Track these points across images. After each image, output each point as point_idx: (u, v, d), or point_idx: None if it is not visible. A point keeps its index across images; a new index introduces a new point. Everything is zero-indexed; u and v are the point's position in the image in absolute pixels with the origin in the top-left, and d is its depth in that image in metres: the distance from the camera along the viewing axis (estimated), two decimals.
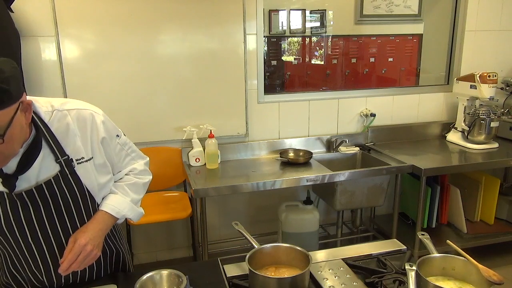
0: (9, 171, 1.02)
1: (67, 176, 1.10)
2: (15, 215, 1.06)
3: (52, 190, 1.08)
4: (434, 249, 1.26)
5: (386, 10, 3.21)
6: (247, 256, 1.23)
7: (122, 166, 1.29)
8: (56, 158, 1.08)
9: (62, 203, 1.11)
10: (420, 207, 2.65)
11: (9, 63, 0.95)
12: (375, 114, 3.03)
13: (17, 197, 1.04)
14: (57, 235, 1.14)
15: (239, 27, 2.64)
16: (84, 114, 1.14)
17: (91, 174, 1.15)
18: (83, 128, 1.13)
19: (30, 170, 1.04)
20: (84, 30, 2.41)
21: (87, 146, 1.14)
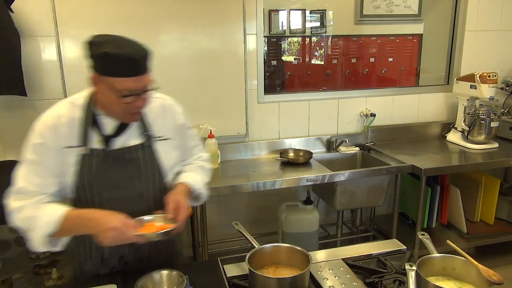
0: (108, 133, 1.26)
1: (146, 147, 1.30)
2: (103, 170, 1.25)
3: (134, 155, 1.28)
4: (434, 249, 1.26)
5: (386, 10, 3.21)
6: (247, 256, 1.23)
7: (192, 153, 1.50)
8: (142, 131, 1.30)
9: (140, 169, 1.29)
10: (420, 207, 2.65)
11: None
12: (375, 114, 3.03)
13: (109, 154, 1.25)
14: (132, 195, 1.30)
15: (239, 27, 2.64)
16: (168, 103, 1.40)
17: (165, 151, 1.34)
18: (166, 114, 1.37)
19: (122, 135, 1.27)
20: (84, 30, 2.40)
21: (167, 128, 1.36)
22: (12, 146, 2.46)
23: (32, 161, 1.22)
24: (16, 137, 2.45)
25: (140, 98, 1.19)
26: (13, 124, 2.43)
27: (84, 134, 1.23)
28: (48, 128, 1.21)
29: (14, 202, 1.20)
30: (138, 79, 1.16)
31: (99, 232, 1.13)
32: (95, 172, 1.24)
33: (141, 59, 1.16)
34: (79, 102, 1.27)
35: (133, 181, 1.29)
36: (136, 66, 1.15)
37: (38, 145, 1.21)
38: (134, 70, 1.15)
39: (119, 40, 1.20)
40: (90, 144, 1.24)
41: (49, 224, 1.16)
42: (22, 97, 2.32)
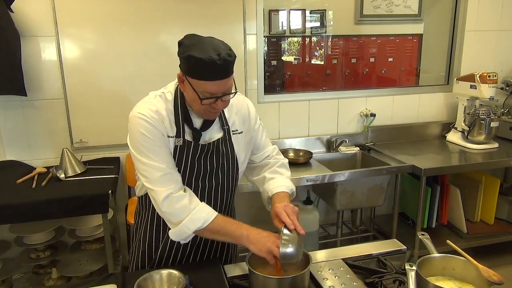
0: (197, 127, 1.32)
1: (226, 140, 1.37)
2: (193, 161, 1.32)
3: (218, 147, 1.35)
4: (434, 249, 1.26)
5: (386, 10, 3.21)
6: (247, 256, 1.23)
7: (264, 146, 1.54)
8: (222, 125, 1.37)
9: (223, 160, 1.37)
10: (420, 207, 2.65)
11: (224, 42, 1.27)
12: (375, 114, 3.03)
13: (199, 147, 1.32)
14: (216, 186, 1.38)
15: (239, 27, 2.64)
16: (240, 98, 1.44)
17: (240, 144, 1.41)
18: (240, 109, 1.43)
19: (208, 129, 1.34)
20: (84, 30, 2.41)
21: (240, 122, 1.42)
22: (12, 146, 2.46)
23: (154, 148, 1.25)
24: (16, 137, 2.45)
25: (220, 100, 1.22)
26: (13, 124, 2.43)
27: (179, 126, 1.29)
28: (154, 116, 1.25)
29: (164, 188, 1.24)
30: (219, 83, 1.19)
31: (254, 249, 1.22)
32: (186, 163, 1.31)
33: (224, 64, 1.17)
34: (169, 96, 1.31)
35: (216, 173, 1.36)
36: (217, 71, 1.17)
37: (151, 131, 1.24)
38: (215, 75, 1.17)
39: (207, 43, 1.23)
40: (185, 136, 1.30)
41: (204, 222, 1.23)
42: (22, 97, 2.32)
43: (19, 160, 2.47)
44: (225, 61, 1.17)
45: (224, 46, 1.23)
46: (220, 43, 1.25)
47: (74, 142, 2.53)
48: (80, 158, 2.42)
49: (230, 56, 1.19)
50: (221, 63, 1.16)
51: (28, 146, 2.48)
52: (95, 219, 2.38)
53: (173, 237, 1.26)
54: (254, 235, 1.25)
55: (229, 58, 1.18)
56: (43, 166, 2.40)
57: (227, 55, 1.18)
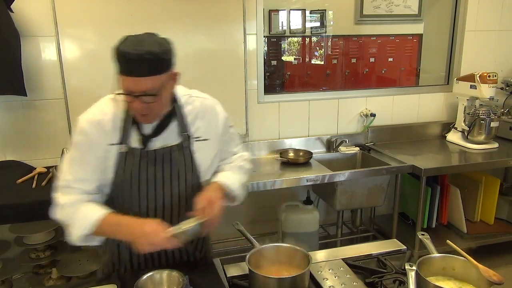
0: (146, 132, 1.26)
1: (184, 148, 1.30)
2: (141, 170, 1.27)
3: (171, 155, 1.29)
4: (434, 249, 1.26)
5: (386, 10, 3.21)
6: (247, 256, 1.23)
7: (232, 152, 1.49)
8: (181, 131, 1.30)
9: (176, 169, 1.30)
10: (420, 207, 2.65)
11: (167, 40, 1.24)
12: (375, 114, 3.03)
13: (147, 154, 1.27)
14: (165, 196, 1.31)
15: (239, 27, 2.64)
16: (208, 103, 1.39)
17: (203, 152, 1.34)
18: (206, 114, 1.36)
19: (161, 135, 1.28)
20: (84, 30, 2.41)
21: (206, 128, 1.35)
22: (12, 146, 2.46)
23: (76, 158, 1.25)
24: (16, 137, 2.45)
25: (136, 100, 1.15)
26: (13, 124, 2.43)
27: (125, 132, 1.25)
28: (92, 125, 1.23)
29: (60, 197, 1.23)
30: (134, 80, 1.13)
31: (134, 239, 1.15)
32: (132, 171, 1.26)
33: (138, 60, 1.10)
34: (121, 98, 1.24)
35: (169, 181, 1.30)
36: (131, 66, 1.12)
37: (82, 142, 1.24)
38: (128, 69, 1.13)
39: (136, 38, 1.18)
40: (130, 143, 1.26)
41: (86, 226, 1.19)
42: (22, 97, 2.32)
43: (19, 160, 2.47)
44: (140, 57, 1.10)
45: (153, 43, 1.16)
46: (153, 40, 1.18)
47: None
48: None
49: (150, 53, 1.11)
50: (135, 58, 1.09)
51: (28, 146, 2.48)
52: None
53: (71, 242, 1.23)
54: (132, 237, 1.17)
55: (146, 56, 1.10)
56: (43, 166, 2.40)
57: (147, 52, 1.10)
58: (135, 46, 1.11)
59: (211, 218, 1.23)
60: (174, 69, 1.25)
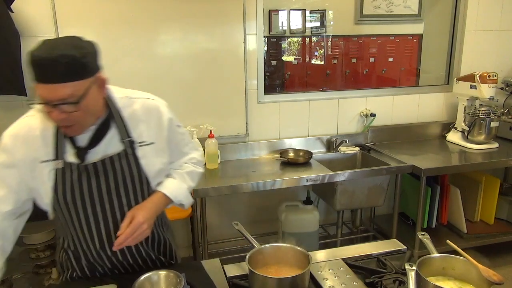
0: (82, 144, 1.15)
1: (128, 155, 1.20)
2: (80, 186, 1.17)
3: (114, 165, 1.18)
4: (434, 249, 1.26)
5: (386, 10, 3.21)
6: (247, 256, 1.23)
7: (182, 153, 1.39)
8: (122, 138, 1.19)
9: (121, 179, 1.20)
10: (420, 207, 2.65)
11: (91, 43, 1.12)
12: (375, 114, 3.03)
13: (85, 168, 1.16)
14: (113, 209, 1.22)
15: (239, 27, 2.64)
16: (150, 103, 1.26)
17: (149, 157, 1.24)
18: (148, 116, 1.24)
19: (99, 145, 1.17)
20: (84, 30, 2.41)
21: (149, 131, 1.24)
22: None
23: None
24: None
25: (54, 110, 1.03)
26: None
27: (58, 146, 1.14)
28: (17, 141, 1.13)
29: None
30: (49, 87, 1.00)
31: None
32: (73, 187, 1.16)
33: (51, 65, 0.98)
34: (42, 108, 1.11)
35: (115, 193, 1.20)
36: (44, 72, 0.99)
37: (3, 161, 1.14)
38: (42, 76, 0.99)
39: (51, 42, 1.04)
40: (66, 157, 1.15)
41: None
42: (22, 97, 2.32)
43: None
44: (53, 61, 0.98)
45: (70, 46, 1.03)
46: (71, 43, 1.05)
47: None
48: None
49: (66, 57, 0.99)
50: (48, 63, 0.98)
51: None
52: None
53: None
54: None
55: (61, 59, 0.98)
56: None
57: (62, 56, 0.99)
58: (49, 50, 0.99)
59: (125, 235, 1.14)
60: (100, 73, 1.13)
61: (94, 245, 1.25)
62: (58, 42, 1.04)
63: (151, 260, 1.36)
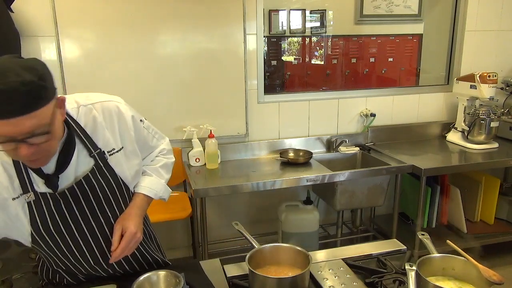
0: (49, 171, 1.05)
1: (101, 168, 1.13)
2: (60, 214, 1.09)
3: (90, 183, 1.11)
4: (434, 249, 1.25)
5: (386, 10, 3.21)
6: (247, 256, 1.23)
7: (151, 148, 1.34)
8: (90, 152, 1.10)
9: (101, 194, 1.14)
10: (420, 207, 2.65)
11: (38, 61, 0.92)
12: (375, 114, 3.03)
13: (60, 196, 1.07)
14: (101, 226, 1.17)
15: (239, 27, 2.64)
16: (109, 106, 1.16)
17: (123, 164, 1.18)
18: (110, 119, 1.15)
19: (68, 167, 1.07)
20: (84, 30, 2.41)
21: (116, 137, 1.16)
22: None
23: None
24: None
25: (24, 145, 0.88)
26: None
27: (24, 177, 1.03)
28: None
29: None
30: (13, 122, 0.84)
31: None
32: (52, 218, 1.07)
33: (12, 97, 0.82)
34: None
35: (99, 210, 1.14)
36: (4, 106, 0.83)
37: None
38: (2, 111, 0.83)
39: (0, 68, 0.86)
40: (36, 188, 1.05)
41: None
42: None
43: None
44: (11, 93, 0.82)
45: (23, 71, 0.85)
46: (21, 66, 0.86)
47: None
48: None
49: (25, 84, 0.83)
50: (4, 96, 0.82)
51: None
52: None
53: None
54: None
55: (20, 88, 0.83)
56: None
57: (21, 84, 0.83)
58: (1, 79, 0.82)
59: (121, 249, 1.12)
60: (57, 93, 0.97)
61: (89, 263, 1.21)
62: (5, 67, 0.85)
63: (147, 262, 1.36)
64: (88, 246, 1.18)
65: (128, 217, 1.19)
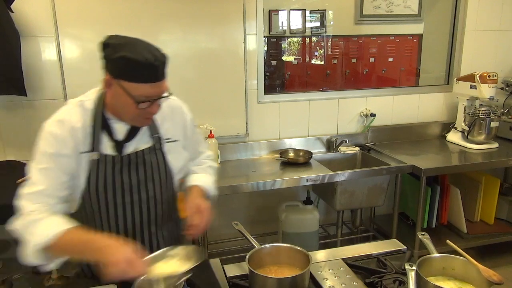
0: (119, 138, 1.25)
1: (156, 150, 1.30)
2: (114, 176, 1.25)
3: (145, 158, 1.28)
4: (434, 249, 1.26)
5: (386, 10, 3.21)
6: (247, 256, 1.23)
7: (199, 152, 1.52)
8: (151, 134, 1.29)
9: (150, 172, 1.29)
10: (420, 207, 2.65)
11: None
12: (375, 114, 3.03)
13: (121, 160, 1.24)
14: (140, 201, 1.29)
15: (239, 27, 2.64)
16: (174, 103, 1.37)
17: (174, 153, 1.34)
18: (173, 115, 1.36)
19: (133, 140, 1.26)
20: (84, 30, 2.41)
21: (174, 129, 1.35)
22: (12, 146, 2.46)
23: (44, 168, 1.18)
24: (16, 137, 2.45)
25: (155, 104, 1.18)
26: (13, 124, 2.43)
27: (95, 139, 1.21)
28: (64, 129, 1.18)
29: (26, 205, 1.15)
30: (155, 85, 1.14)
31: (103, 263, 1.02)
32: (106, 178, 1.23)
33: (160, 66, 1.14)
34: (89, 105, 1.23)
35: (144, 185, 1.29)
36: (155, 72, 1.13)
37: (50, 154, 1.18)
38: (153, 76, 1.13)
39: (137, 44, 1.17)
40: (102, 149, 1.22)
41: (45, 236, 1.09)
42: (22, 97, 2.32)
43: (19, 160, 2.47)
44: (161, 62, 1.14)
45: (155, 48, 1.17)
46: (151, 45, 1.19)
47: None
48: None
49: (164, 57, 1.16)
50: (158, 64, 1.12)
51: (28, 146, 2.46)
52: None
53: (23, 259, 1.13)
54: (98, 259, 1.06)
55: (163, 59, 1.15)
56: None
57: (162, 56, 1.15)
58: (152, 53, 1.13)
59: (199, 224, 1.24)
60: None
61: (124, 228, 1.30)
62: (145, 44, 1.17)
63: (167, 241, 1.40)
64: (124, 217, 1.28)
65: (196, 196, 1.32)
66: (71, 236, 1.12)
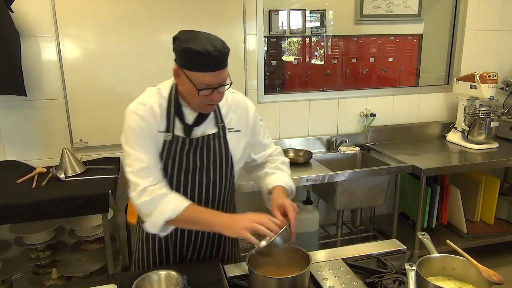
0: (189, 122, 1.35)
1: (220, 137, 1.39)
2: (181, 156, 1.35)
3: (209, 143, 1.37)
4: (434, 249, 1.26)
5: (386, 10, 3.21)
6: (247, 256, 1.23)
7: (264, 145, 1.56)
8: (216, 122, 1.39)
9: (213, 157, 1.39)
10: (420, 207, 2.65)
11: None
12: (375, 114, 3.03)
13: (189, 142, 1.35)
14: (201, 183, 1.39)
15: (239, 27, 2.64)
16: (239, 98, 1.48)
17: (235, 142, 1.42)
18: (237, 107, 1.45)
19: (201, 125, 1.36)
20: (84, 30, 2.41)
21: (237, 120, 1.44)
22: (12, 146, 2.46)
23: (139, 145, 1.29)
24: (16, 137, 2.45)
25: (216, 91, 1.26)
26: (13, 124, 2.43)
27: (170, 121, 1.33)
28: (148, 111, 1.30)
29: (141, 181, 1.26)
30: (215, 74, 1.24)
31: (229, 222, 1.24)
32: (174, 157, 1.34)
33: (219, 56, 1.23)
34: (165, 92, 1.35)
35: (207, 168, 1.38)
36: (214, 62, 1.22)
37: (140, 131, 1.29)
38: (212, 65, 1.22)
39: (201, 36, 1.26)
40: (174, 131, 1.34)
41: (175, 211, 1.24)
42: (22, 97, 2.32)
43: (19, 160, 2.47)
44: (220, 52, 1.23)
45: (218, 40, 1.28)
46: (215, 37, 1.29)
47: (74, 142, 2.53)
48: (80, 158, 2.42)
49: (224, 48, 1.25)
50: (217, 55, 1.21)
51: (28, 146, 2.48)
52: (95, 219, 2.38)
53: (148, 229, 1.27)
54: (226, 220, 1.27)
55: (224, 50, 1.24)
56: (43, 166, 2.40)
57: (222, 47, 1.24)
58: (214, 43, 1.23)
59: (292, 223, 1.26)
60: None
61: None
62: (208, 37, 1.27)
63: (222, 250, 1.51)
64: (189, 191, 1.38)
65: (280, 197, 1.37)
66: (188, 213, 1.26)
